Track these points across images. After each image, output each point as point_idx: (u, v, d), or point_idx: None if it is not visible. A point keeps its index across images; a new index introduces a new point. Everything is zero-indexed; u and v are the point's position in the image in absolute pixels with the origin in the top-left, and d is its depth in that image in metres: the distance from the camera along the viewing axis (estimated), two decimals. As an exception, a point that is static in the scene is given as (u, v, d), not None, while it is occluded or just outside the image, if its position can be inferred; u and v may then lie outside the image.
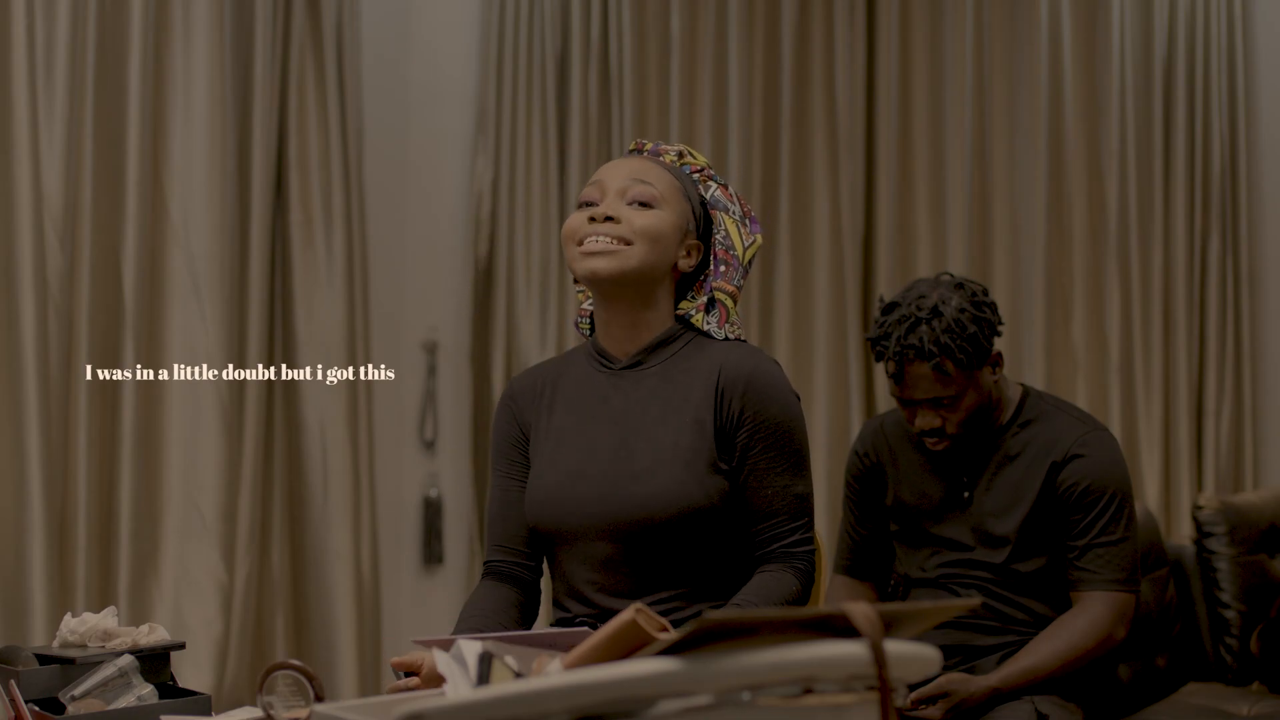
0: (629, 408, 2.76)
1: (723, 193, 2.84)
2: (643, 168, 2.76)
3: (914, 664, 1.67)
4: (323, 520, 4.83)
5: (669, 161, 2.82)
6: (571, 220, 2.75)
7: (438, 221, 5.25)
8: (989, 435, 3.60)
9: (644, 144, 2.88)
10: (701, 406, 2.72)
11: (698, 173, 2.84)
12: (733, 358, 2.75)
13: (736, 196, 2.86)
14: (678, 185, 2.77)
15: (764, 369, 2.74)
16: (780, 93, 5.52)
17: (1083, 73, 5.70)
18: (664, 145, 2.86)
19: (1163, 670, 4.46)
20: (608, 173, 2.77)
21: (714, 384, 2.72)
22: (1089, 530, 3.48)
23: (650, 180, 2.73)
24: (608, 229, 2.69)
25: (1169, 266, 5.74)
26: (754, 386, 2.71)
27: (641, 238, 2.69)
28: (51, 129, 4.36)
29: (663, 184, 2.74)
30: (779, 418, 2.72)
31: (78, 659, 2.50)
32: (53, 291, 4.34)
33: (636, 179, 2.73)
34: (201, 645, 4.54)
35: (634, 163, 2.78)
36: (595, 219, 2.69)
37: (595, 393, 2.81)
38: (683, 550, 2.69)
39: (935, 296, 3.47)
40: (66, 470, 4.38)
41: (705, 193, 2.82)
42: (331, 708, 1.84)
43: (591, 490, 2.72)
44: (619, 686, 1.53)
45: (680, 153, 2.84)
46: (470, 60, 5.26)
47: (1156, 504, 5.60)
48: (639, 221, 2.70)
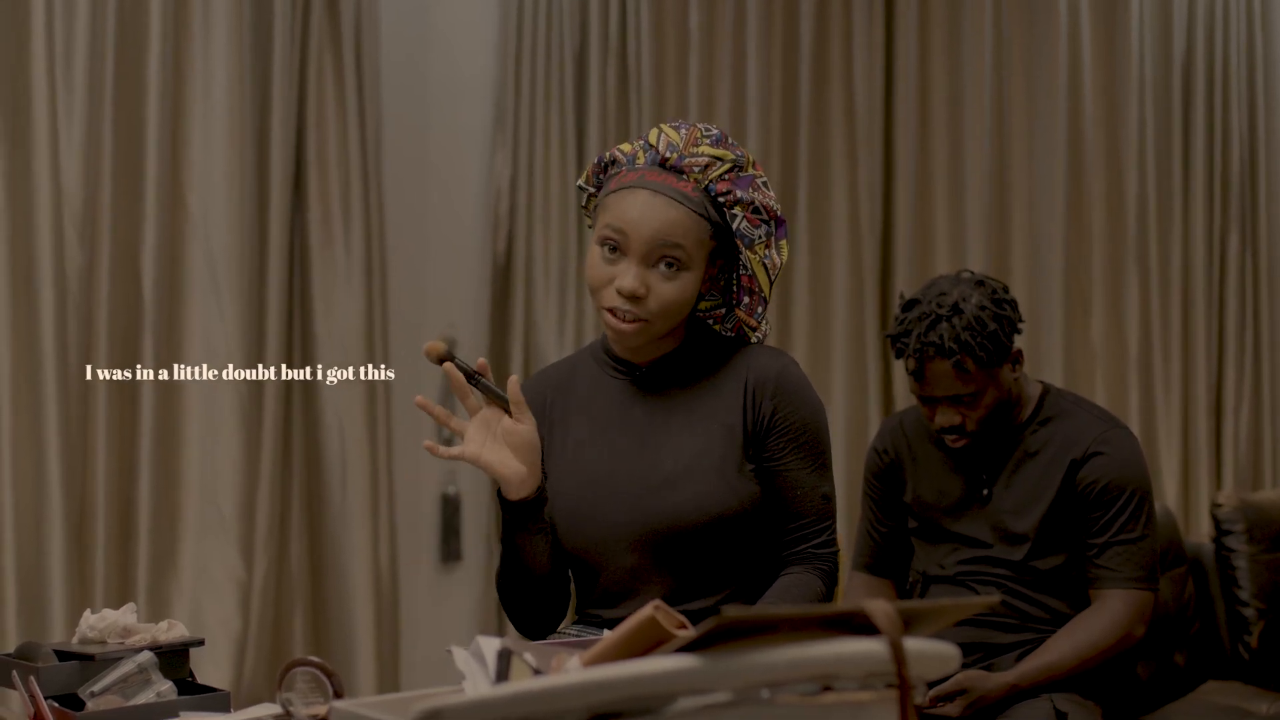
0: (651, 415, 2.73)
1: (749, 220, 2.66)
2: (670, 221, 2.60)
3: (933, 661, 1.67)
4: (341, 517, 4.83)
5: (694, 183, 2.64)
6: (595, 268, 2.64)
7: (456, 218, 5.25)
8: (1009, 432, 3.59)
9: (667, 155, 2.66)
10: (730, 411, 2.69)
11: (724, 195, 2.65)
12: (760, 360, 2.72)
13: (764, 206, 2.68)
14: (705, 229, 2.63)
15: (791, 370, 2.72)
16: (799, 90, 5.51)
17: (1102, 69, 5.69)
18: (689, 157, 2.66)
19: (1181, 668, 4.45)
20: (632, 223, 2.60)
21: (743, 387, 2.69)
22: (1108, 528, 3.48)
23: (679, 240, 2.60)
24: (631, 307, 2.61)
25: (1188, 263, 5.73)
26: (784, 388, 2.69)
27: (665, 314, 2.63)
28: (71, 126, 4.37)
29: (691, 240, 2.61)
30: (808, 419, 2.70)
31: (97, 655, 2.50)
32: (72, 288, 4.35)
33: (665, 241, 2.59)
34: (220, 642, 4.54)
35: (662, 212, 2.61)
36: (621, 292, 2.60)
37: (613, 400, 2.77)
38: (713, 557, 2.66)
39: (956, 294, 3.47)
40: (85, 467, 4.39)
41: (733, 223, 2.66)
42: (350, 704, 1.84)
43: (618, 499, 2.69)
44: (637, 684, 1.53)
45: (706, 165, 2.65)
46: (489, 57, 5.25)
47: (1175, 502, 5.59)
48: (665, 295, 2.60)
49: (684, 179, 2.65)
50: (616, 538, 2.69)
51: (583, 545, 2.73)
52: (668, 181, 2.64)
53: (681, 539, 2.64)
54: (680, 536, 2.64)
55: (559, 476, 2.77)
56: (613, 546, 2.70)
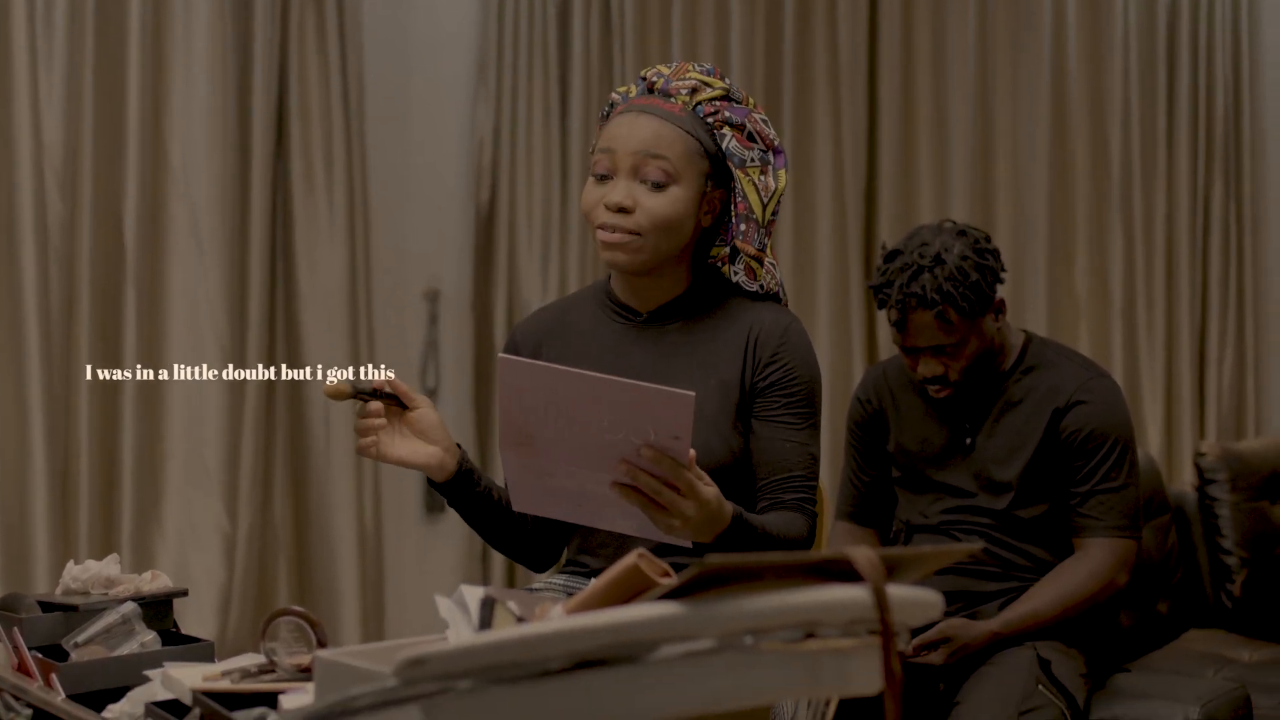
0: (652, 362, 2.70)
1: (739, 141, 2.66)
2: (655, 133, 2.61)
3: (916, 609, 1.67)
4: (325, 469, 4.83)
5: (682, 104, 2.65)
6: (587, 194, 2.64)
7: (439, 170, 5.23)
8: (992, 381, 3.60)
9: (654, 80, 2.69)
10: (728, 367, 2.66)
11: (712, 115, 2.65)
12: (766, 316, 2.68)
13: (758, 133, 2.69)
14: (693, 146, 2.63)
15: (797, 329, 2.69)
16: (782, 42, 5.49)
17: (1086, 17, 5.68)
18: (676, 81, 2.67)
19: (1164, 617, 4.47)
20: (619, 139, 2.62)
21: (744, 344, 2.66)
22: (1091, 476, 3.49)
23: (664, 152, 2.59)
24: (620, 220, 2.59)
25: (1172, 213, 5.73)
26: (787, 344, 2.65)
27: (656, 228, 2.59)
28: (51, 77, 4.35)
29: (676, 152, 2.61)
30: (805, 376, 2.66)
31: (80, 606, 2.50)
32: (54, 240, 4.34)
33: (649, 152, 2.59)
34: (204, 593, 4.55)
35: (646, 125, 2.62)
36: (609, 206, 2.59)
37: (613, 345, 2.74)
38: None
39: (938, 244, 3.47)
40: (69, 418, 4.39)
41: (722, 143, 2.65)
42: (334, 653, 1.84)
43: None
44: (620, 631, 1.53)
45: (693, 88, 2.66)
46: (471, 7, 5.23)
47: (1159, 450, 5.61)
48: (653, 209, 2.58)
49: (671, 100, 2.66)
50: None
51: None
52: (654, 103, 2.65)
53: None
54: None
55: None
56: None
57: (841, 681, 1.62)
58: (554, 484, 2.35)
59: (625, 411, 2.18)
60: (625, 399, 2.18)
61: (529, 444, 2.28)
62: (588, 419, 2.21)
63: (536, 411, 2.24)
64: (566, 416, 2.22)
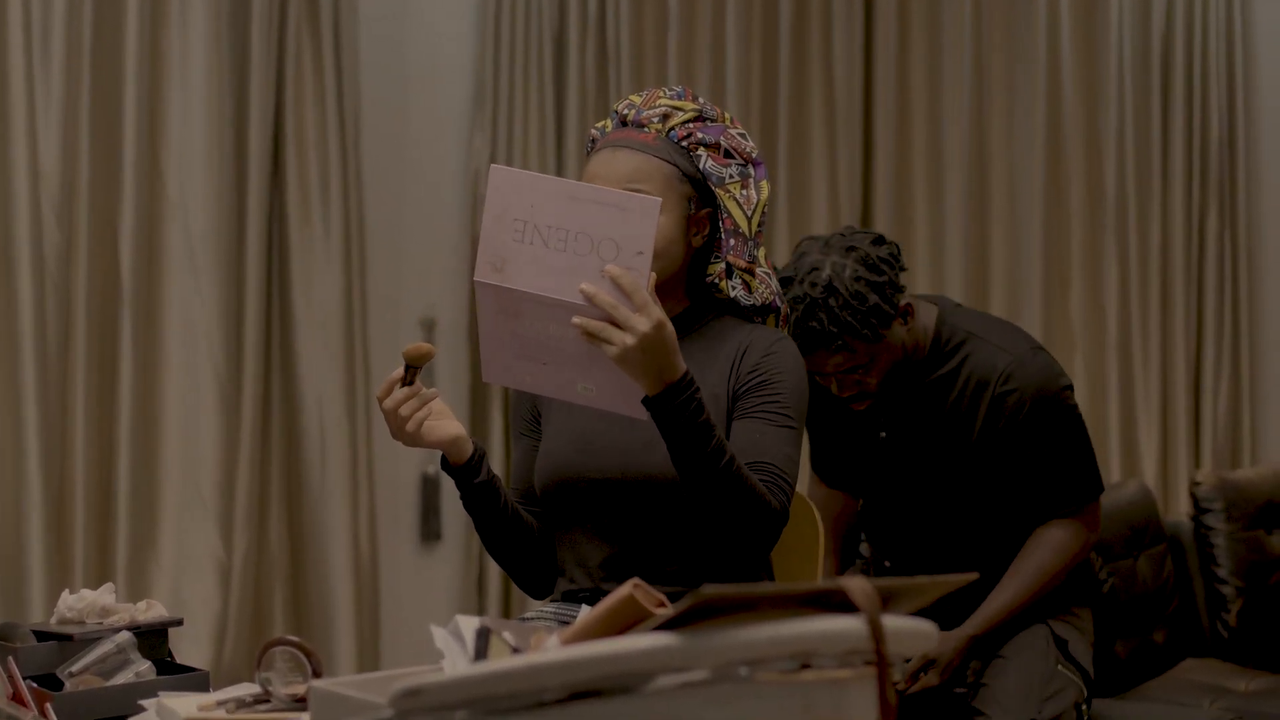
0: None
1: (715, 160, 2.70)
2: (633, 167, 2.65)
3: (911, 639, 1.67)
4: (321, 497, 4.83)
5: (655, 132, 2.69)
6: None
7: (435, 198, 5.24)
8: (914, 374, 3.49)
9: (626, 113, 2.73)
10: (719, 381, 2.68)
11: (686, 139, 2.70)
12: (757, 335, 2.72)
13: (733, 148, 2.72)
14: (671, 172, 2.67)
15: (786, 345, 2.72)
16: (778, 70, 5.51)
17: (1081, 46, 5.69)
18: (647, 110, 2.72)
19: (1160, 646, 4.46)
20: (599, 178, 2.65)
21: (733, 359, 2.69)
22: (1038, 457, 3.41)
23: (642, 185, 2.63)
24: None
25: (1167, 242, 5.73)
26: (772, 355, 2.68)
27: None
28: (48, 106, 4.35)
29: (654, 182, 2.65)
30: (788, 385, 2.67)
31: (76, 635, 2.50)
32: (50, 269, 4.34)
33: (628, 187, 2.62)
34: (200, 622, 4.54)
35: (624, 160, 2.67)
36: None
37: None
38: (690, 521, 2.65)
39: (828, 268, 3.28)
40: (65, 447, 4.38)
41: (699, 164, 2.69)
42: (329, 683, 1.84)
43: (602, 460, 2.69)
44: (616, 662, 1.53)
45: (665, 115, 2.71)
46: (468, 37, 5.24)
47: (1154, 479, 5.60)
48: None
49: (645, 130, 2.71)
50: (599, 496, 2.70)
51: (567, 502, 2.74)
52: (628, 136, 2.70)
53: (661, 499, 2.63)
54: (659, 495, 2.63)
55: (548, 436, 2.79)
56: (596, 505, 2.70)
57: (837, 712, 1.62)
58: (521, 330, 2.41)
59: (598, 217, 2.33)
60: (599, 199, 2.34)
61: (503, 270, 2.37)
62: (565, 228, 2.34)
63: (516, 227, 2.36)
64: (543, 232, 2.35)
